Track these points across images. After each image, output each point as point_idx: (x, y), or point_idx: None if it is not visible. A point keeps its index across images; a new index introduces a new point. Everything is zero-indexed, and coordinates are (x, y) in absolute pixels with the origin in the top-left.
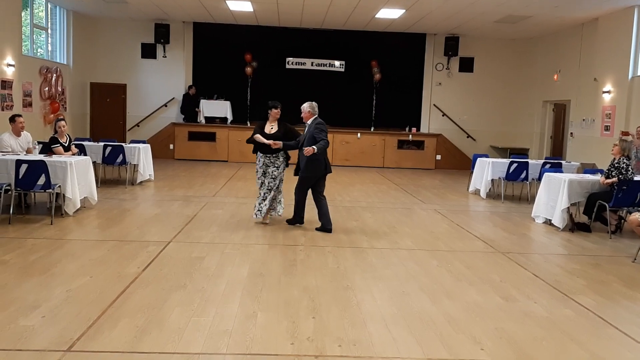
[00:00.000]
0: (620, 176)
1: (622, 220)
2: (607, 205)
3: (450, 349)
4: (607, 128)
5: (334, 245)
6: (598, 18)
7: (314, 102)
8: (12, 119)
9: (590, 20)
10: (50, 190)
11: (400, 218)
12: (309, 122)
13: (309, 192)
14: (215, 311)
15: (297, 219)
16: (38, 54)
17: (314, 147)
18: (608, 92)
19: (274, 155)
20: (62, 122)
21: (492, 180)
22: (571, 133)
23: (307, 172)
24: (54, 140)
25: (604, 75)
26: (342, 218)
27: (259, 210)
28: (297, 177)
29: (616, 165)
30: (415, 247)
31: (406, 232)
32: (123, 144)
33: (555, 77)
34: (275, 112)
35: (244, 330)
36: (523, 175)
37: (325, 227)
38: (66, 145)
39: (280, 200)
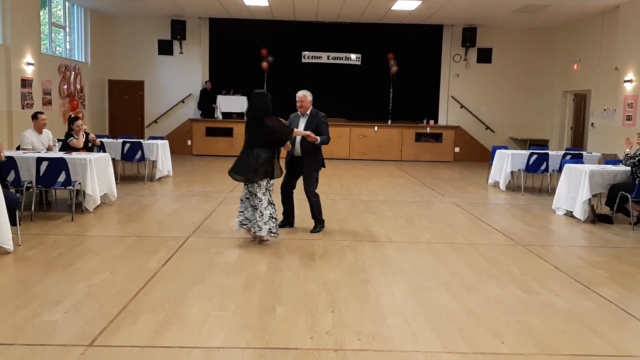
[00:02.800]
0: None
1: None
2: (629, 196)
3: (470, 343)
4: (629, 118)
5: (352, 239)
6: (619, 6)
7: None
8: (35, 116)
9: (610, 8)
10: (71, 187)
11: (419, 211)
12: (307, 112)
13: (280, 192)
14: (234, 305)
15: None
16: (57, 52)
17: (318, 137)
18: (630, 81)
19: None
20: (79, 122)
21: (512, 172)
22: (592, 123)
23: (316, 167)
24: (69, 135)
25: (625, 64)
26: (360, 212)
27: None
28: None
29: None
30: (434, 241)
31: (425, 225)
32: (141, 141)
33: (575, 66)
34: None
35: (263, 324)
36: (543, 167)
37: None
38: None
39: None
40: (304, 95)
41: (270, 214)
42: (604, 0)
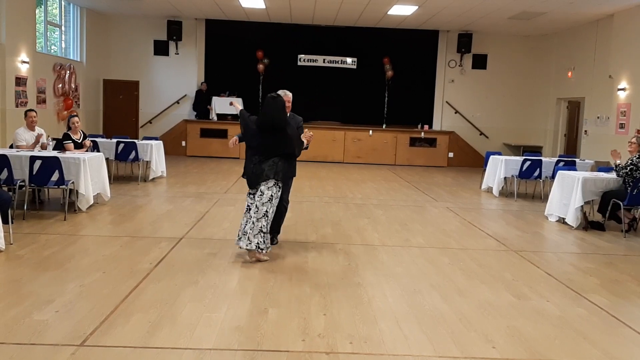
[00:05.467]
0: (637, 174)
1: (637, 219)
2: (621, 203)
3: (461, 347)
4: (622, 126)
5: (345, 242)
6: (613, 14)
7: None
8: (25, 114)
9: (605, 16)
10: (64, 187)
11: (412, 215)
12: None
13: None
14: (226, 307)
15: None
16: (52, 51)
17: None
18: (623, 89)
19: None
20: (76, 119)
21: (505, 178)
22: (585, 131)
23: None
24: (66, 136)
25: (619, 72)
26: (354, 215)
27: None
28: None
29: (636, 161)
30: (427, 245)
31: (418, 229)
32: (136, 141)
33: (570, 74)
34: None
35: (255, 326)
36: (536, 173)
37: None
38: (79, 141)
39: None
40: (289, 95)
41: (261, 227)
42: (598, 9)
